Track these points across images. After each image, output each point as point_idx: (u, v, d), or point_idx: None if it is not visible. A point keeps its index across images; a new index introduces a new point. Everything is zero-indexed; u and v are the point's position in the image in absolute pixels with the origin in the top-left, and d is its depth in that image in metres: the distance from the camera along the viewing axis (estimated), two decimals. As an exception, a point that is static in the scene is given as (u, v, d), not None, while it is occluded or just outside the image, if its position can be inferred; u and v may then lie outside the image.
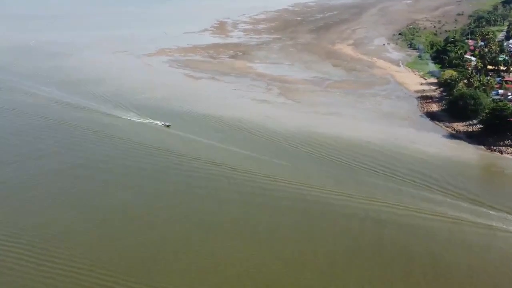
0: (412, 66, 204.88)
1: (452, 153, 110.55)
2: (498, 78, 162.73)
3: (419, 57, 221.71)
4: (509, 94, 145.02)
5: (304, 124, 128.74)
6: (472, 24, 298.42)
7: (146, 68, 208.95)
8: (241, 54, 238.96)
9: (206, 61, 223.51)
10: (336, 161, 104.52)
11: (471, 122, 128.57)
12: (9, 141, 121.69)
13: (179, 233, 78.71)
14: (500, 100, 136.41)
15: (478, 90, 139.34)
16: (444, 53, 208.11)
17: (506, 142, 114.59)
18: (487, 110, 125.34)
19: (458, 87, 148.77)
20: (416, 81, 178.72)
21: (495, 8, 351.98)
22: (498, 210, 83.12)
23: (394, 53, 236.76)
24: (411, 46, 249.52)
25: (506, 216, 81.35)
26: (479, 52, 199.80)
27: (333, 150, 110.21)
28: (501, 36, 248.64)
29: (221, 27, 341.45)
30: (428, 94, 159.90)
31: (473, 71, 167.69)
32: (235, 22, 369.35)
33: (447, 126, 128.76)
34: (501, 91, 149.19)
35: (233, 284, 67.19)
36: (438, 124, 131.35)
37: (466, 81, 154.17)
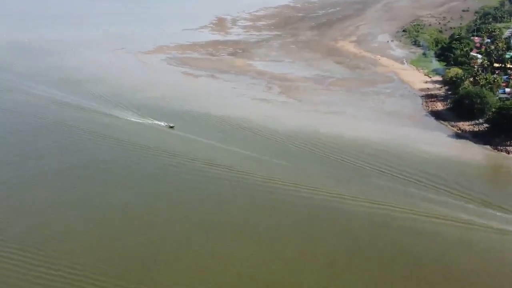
0: (416, 63, 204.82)
1: (457, 153, 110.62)
2: (505, 76, 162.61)
3: (424, 54, 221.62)
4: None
5: (305, 123, 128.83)
6: (478, 20, 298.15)
7: (144, 66, 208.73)
8: (240, 51, 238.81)
9: (205, 58, 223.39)
10: (339, 161, 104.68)
11: (477, 122, 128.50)
12: (8, 140, 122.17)
13: (180, 233, 79.02)
14: (507, 98, 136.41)
15: (484, 89, 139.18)
16: (449, 50, 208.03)
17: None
18: (494, 109, 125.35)
19: (464, 86, 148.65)
20: (420, 79, 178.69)
21: (502, 4, 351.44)
22: (506, 211, 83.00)
23: (398, 50, 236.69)
24: (415, 43, 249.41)
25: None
26: (486, 49, 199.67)
27: (335, 150, 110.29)
28: (508, 33, 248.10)
29: (220, 24, 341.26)
30: (432, 92, 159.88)
31: (479, 69, 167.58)
32: (235, 18, 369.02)
33: (453, 126, 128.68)
34: (508, 90, 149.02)
35: (233, 284, 67.56)
36: (443, 123, 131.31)
37: (472, 79, 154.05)
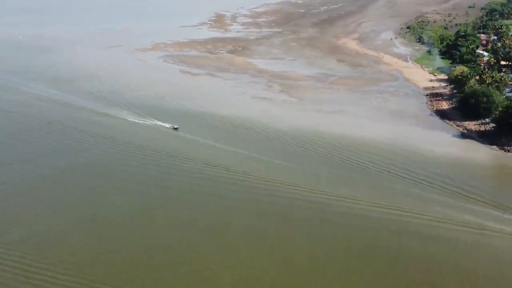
0: (421, 61, 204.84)
1: (464, 153, 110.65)
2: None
3: (428, 52, 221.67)
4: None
5: (307, 122, 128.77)
6: (484, 17, 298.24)
7: (142, 64, 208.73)
8: (240, 49, 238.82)
9: (203, 56, 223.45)
10: (344, 162, 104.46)
11: (483, 121, 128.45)
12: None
13: (184, 238, 78.13)
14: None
15: (490, 87, 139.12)
16: (454, 48, 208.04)
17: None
18: (500, 108, 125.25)
19: (470, 84, 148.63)
20: (425, 77, 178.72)
21: (509, 0, 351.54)
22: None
23: (402, 48, 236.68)
24: (420, 40, 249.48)
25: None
26: (492, 46, 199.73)
27: (339, 150, 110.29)
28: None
29: (219, 21, 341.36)
30: (437, 91, 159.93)
31: (485, 67, 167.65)
32: (234, 15, 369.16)
33: (458, 125, 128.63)
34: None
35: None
36: (448, 123, 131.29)
37: (478, 77, 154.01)
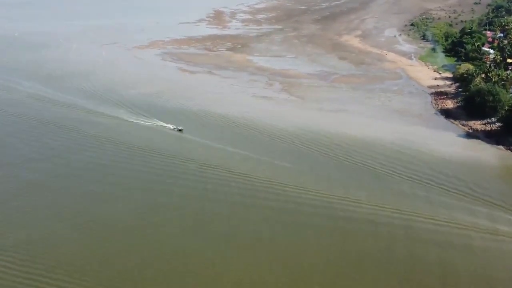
0: (425, 59, 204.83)
1: (470, 154, 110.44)
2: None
3: (433, 49, 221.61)
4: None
5: (310, 122, 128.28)
6: (490, 14, 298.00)
7: (138, 62, 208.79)
8: (239, 46, 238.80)
9: (202, 54, 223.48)
10: (349, 162, 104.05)
11: (489, 120, 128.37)
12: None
13: (189, 249, 76.77)
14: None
15: (497, 86, 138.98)
16: (460, 45, 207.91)
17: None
18: (507, 107, 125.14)
19: (475, 82, 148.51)
20: (429, 75, 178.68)
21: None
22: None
23: (406, 45, 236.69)
24: (424, 37, 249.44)
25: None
26: (498, 44, 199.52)
27: (343, 150, 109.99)
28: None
29: (218, 17, 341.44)
30: (442, 89, 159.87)
31: (491, 65, 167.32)
32: (233, 11, 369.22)
33: (463, 125, 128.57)
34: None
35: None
36: (453, 122, 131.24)
37: (483, 75, 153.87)
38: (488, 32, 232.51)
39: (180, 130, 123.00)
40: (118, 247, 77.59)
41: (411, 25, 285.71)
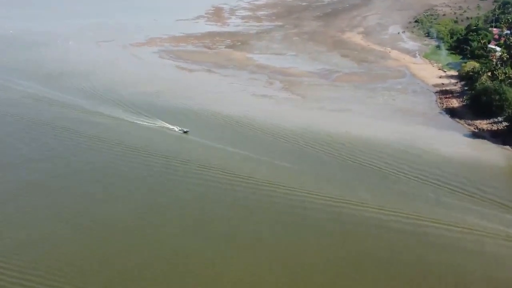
0: (429, 57, 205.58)
1: (476, 154, 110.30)
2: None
3: (438, 47, 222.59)
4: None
5: (313, 122, 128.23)
6: (497, 10, 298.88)
7: (135, 60, 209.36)
8: (239, 44, 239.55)
9: (200, 51, 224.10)
10: (354, 163, 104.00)
11: (496, 120, 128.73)
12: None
13: (189, 249, 77.30)
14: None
15: (503, 84, 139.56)
16: (465, 42, 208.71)
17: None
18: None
19: (481, 81, 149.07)
20: (434, 73, 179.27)
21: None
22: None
23: (410, 42, 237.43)
24: (429, 35, 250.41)
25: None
26: (505, 41, 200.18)
27: (347, 151, 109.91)
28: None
29: (217, 14, 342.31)
30: (447, 88, 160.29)
31: (498, 63, 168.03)
32: (233, 8, 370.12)
33: (469, 124, 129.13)
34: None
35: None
36: (459, 121, 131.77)
37: (490, 73, 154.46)
38: (494, 29, 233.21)
39: (185, 132, 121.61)
40: (118, 247, 78.03)
41: (415, 21, 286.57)
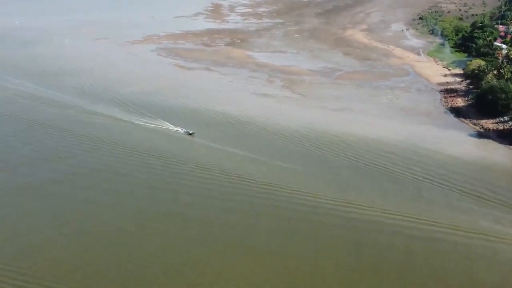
0: (434, 55, 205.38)
1: (482, 154, 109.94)
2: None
3: (442, 44, 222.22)
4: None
5: (314, 121, 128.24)
6: (503, 7, 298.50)
7: (132, 58, 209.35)
8: (239, 41, 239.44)
9: (199, 49, 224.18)
10: (359, 164, 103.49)
11: (502, 119, 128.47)
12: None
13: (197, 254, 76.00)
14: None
15: (510, 83, 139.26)
16: (470, 40, 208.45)
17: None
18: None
19: (487, 79, 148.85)
20: (439, 72, 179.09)
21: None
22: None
23: (414, 40, 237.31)
24: (433, 32, 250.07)
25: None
26: (511, 39, 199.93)
27: (351, 151, 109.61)
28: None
29: (216, 11, 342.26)
30: (452, 87, 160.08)
31: (504, 61, 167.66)
32: (232, 4, 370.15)
33: (475, 124, 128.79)
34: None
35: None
36: (464, 121, 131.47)
37: (496, 72, 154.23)
38: (500, 26, 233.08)
39: (190, 134, 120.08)
40: (120, 255, 75.98)
41: (419, 18, 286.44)
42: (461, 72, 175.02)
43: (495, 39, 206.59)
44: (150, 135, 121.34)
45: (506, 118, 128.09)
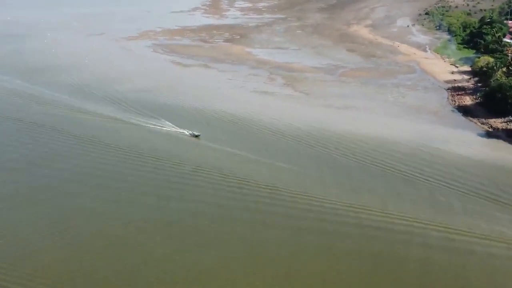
0: (441, 51, 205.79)
1: (492, 154, 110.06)
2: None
3: (449, 41, 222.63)
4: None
5: (319, 120, 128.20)
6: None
7: (127, 54, 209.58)
8: (238, 37, 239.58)
9: (197, 45, 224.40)
10: (365, 166, 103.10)
11: (511, 118, 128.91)
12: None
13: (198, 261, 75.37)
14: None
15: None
16: (479, 36, 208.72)
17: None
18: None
19: (496, 77, 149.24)
20: (446, 69, 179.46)
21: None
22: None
23: (420, 36, 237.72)
24: (440, 28, 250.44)
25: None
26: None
27: (357, 151, 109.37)
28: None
29: (214, 6, 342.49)
30: (460, 84, 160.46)
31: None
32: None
33: (483, 123, 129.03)
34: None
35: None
36: (472, 120, 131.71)
37: (505, 69, 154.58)
38: (509, 21, 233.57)
39: (196, 136, 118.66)
40: (126, 264, 74.80)
41: (426, 14, 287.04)
42: (469, 69, 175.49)
43: (504, 35, 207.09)
44: (154, 138, 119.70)
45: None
